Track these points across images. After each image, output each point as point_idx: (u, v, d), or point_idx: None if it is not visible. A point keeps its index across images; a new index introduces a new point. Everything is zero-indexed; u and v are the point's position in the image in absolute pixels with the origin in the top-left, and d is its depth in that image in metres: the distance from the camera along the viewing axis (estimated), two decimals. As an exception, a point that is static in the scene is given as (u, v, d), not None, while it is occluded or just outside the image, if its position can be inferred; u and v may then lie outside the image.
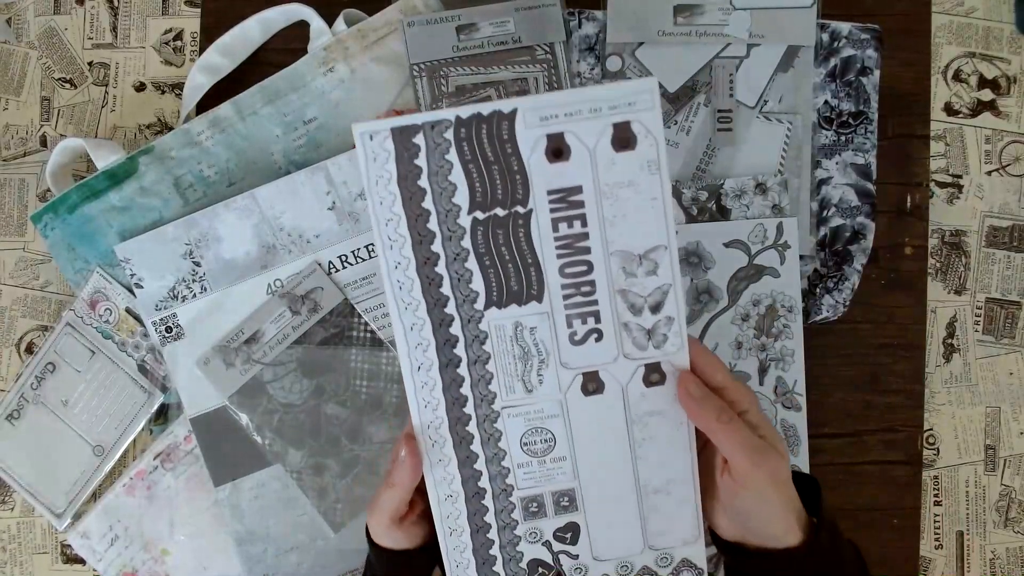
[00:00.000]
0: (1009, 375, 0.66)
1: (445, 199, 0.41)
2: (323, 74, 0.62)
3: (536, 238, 0.41)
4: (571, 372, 0.43)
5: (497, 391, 0.43)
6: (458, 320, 0.42)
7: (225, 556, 0.63)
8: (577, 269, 0.41)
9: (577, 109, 0.39)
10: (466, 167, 0.40)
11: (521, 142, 0.40)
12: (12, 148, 0.70)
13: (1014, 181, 0.66)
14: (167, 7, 0.69)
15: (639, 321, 0.42)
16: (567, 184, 0.40)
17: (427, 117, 0.40)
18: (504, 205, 0.41)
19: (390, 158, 0.40)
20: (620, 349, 0.42)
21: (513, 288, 0.42)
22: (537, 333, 0.42)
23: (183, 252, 0.61)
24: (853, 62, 0.62)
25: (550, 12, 0.61)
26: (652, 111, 0.39)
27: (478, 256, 0.41)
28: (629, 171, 0.40)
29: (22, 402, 0.65)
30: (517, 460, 0.44)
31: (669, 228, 0.40)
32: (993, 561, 0.66)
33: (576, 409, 0.43)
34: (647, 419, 0.43)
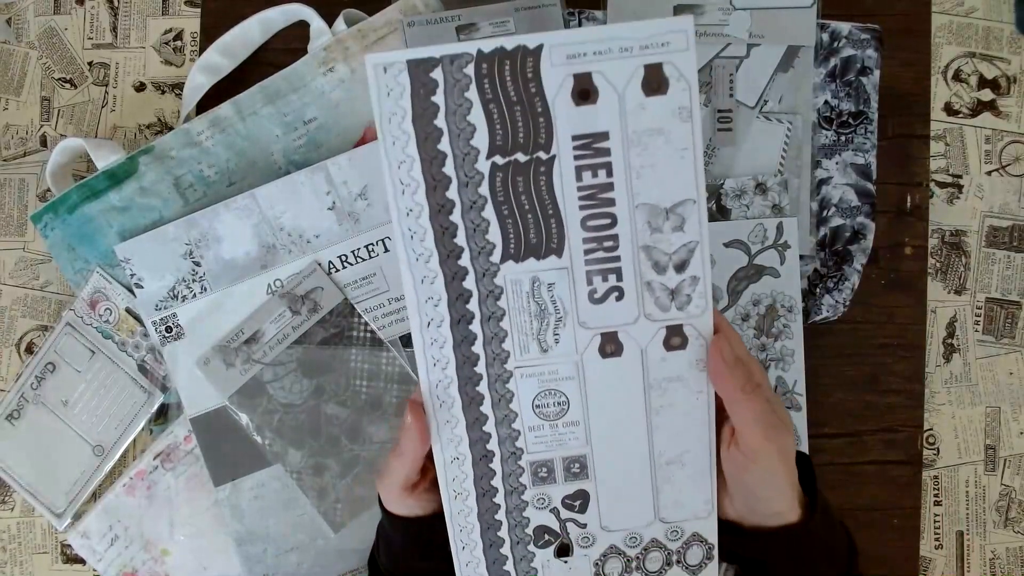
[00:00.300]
0: (1009, 375, 0.66)
1: (463, 141, 0.38)
2: (323, 74, 0.62)
3: (558, 187, 0.38)
4: (589, 332, 0.40)
5: (511, 350, 0.41)
6: (472, 273, 0.40)
7: (225, 556, 0.63)
8: (600, 222, 0.39)
9: (607, 47, 0.37)
10: (487, 107, 0.38)
11: (546, 81, 0.37)
12: (12, 148, 0.70)
13: (1014, 181, 0.66)
14: (167, 7, 0.69)
15: (663, 280, 0.39)
16: (593, 129, 0.38)
17: (447, 50, 0.37)
18: (525, 150, 0.38)
19: (405, 93, 0.38)
20: (641, 309, 0.40)
21: (532, 240, 0.39)
22: (555, 289, 0.40)
23: (183, 252, 0.61)
24: (853, 62, 0.62)
25: (550, 12, 0.61)
26: (687, 52, 0.37)
27: (496, 205, 0.39)
28: (660, 117, 0.37)
29: (22, 402, 0.65)
30: (528, 423, 0.42)
31: (699, 181, 0.38)
32: (993, 561, 0.66)
33: (592, 372, 0.41)
34: (666, 385, 0.41)
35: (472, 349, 0.41)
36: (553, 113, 0.38)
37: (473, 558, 0.43)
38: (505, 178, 0.38)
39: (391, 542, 0.47)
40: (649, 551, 0.44)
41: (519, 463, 0.43)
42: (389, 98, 0.38)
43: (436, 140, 0.38)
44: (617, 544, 0.44)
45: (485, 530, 0.43)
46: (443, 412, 0.42)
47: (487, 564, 0.44)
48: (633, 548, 0.44)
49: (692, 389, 0.41)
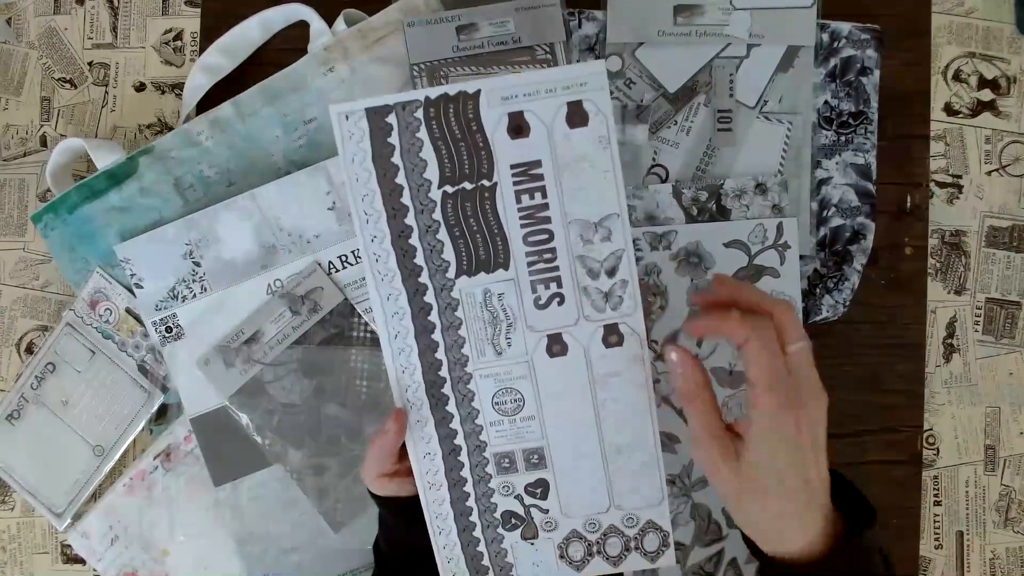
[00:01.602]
0: (1009, 375, 0.66)
1: (417, 174, 0.44)
2: (323, 74, 0.62)
3: (501, 209, 0.44)
4: (537, 335, 0.45)
5: (469, 354, 0.46)
6: (431, 289, 0.45)
7: (225, 556, 0.63)
8: (539, 237, 0.44)
9: (535, 90, 0.43)
10: (435, 144, 0.44)
11: (485, 120, 0.43)
12: (12, 148, 0.70)
13: (1014, 181, 0.66)
14: (167, 7, 0.69)
15: (597, 284, 0.45)
16: (528, 159, 0.44)
17: (398, 98, 0.43)
18: (471, 179, 0.44)
19: (364, 136, 0.44)
20: (580, 312, 0.45)
21: (481, 257, 0.45)
22: (505, 299, 0.45)
23: (183, 252, 0.61)
24: (853, 62, 0.62)
25: (550, 12, 0.61)
26: (602, 91, 0.43)
27: (448, 228, 0.45)
28: (583, 146, 0.43)
29: (22, 402, 0.65)
30: (489, 419, 0.47)
31: (620, 197, 0.44)
32: (993, 561, 0.66)
33: (542, 370, 0.46)
34: (608, 380, 0.46)
35: (435, 356, 0.46)
36: (493, 146, 0.44)
37: (449, 541, 0.48)
38: (455, 204, 0.44)
39: (385, 522, 0.51)
40: (608, 536, 0.48)
41: (484, 455, 0.47)
42: (351, 140, 0.44)
43: (394, 175, 0.44)
44: (578, 529, 0.48)
45: (458, 516, 0.48)
46: (414, 413, 0.47)
47: (462, 546, 0.48)
48: (593, 533, 0.48)
49: (632, 383, 0.46)
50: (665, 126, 0.62)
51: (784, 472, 0.39)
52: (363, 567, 0.62)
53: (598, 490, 0.47)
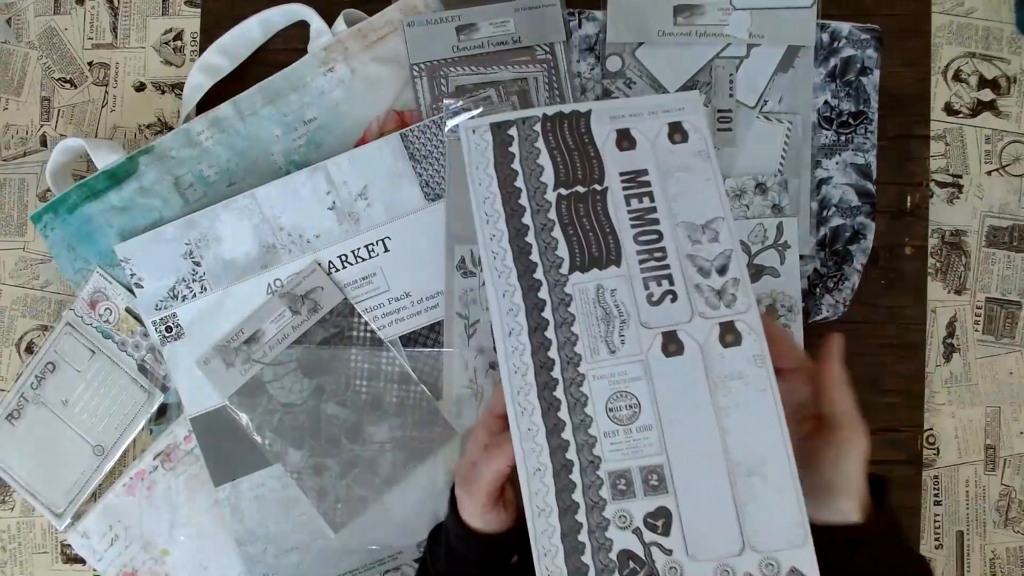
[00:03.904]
0: (1009, 375, 0.66)
1: (534, 178, 0.47)
2: (323, 74, 0.62)
3: (612, 211, 0.46)
4: (651, 332, 0.45)
5: (582, 353, 0.45)
6: (545, 285, 0.46)
7: (225, 556, 0.63)
8: (649, 237, 0.46)
9: (639, 112, 0.47)
10: (551, 152, 0.47)
11: (596, 134, 0.47)
12: (12, 148, 0.70)
13: (1014, 181, 0.66)
14: (167, 7, 0.69)
15: (709, 282, 0.45)
16: (635, 167, 0.47)
17: (519, 114, 0.48)
18: (584, 183, 0.47)
19: (488, 147, 0.48)
20: (694, 308, 0.45)
21: (594, 254, 0.46)
22: (618, 295, 0.45)
23: (183, 252, 0.61)
24: (853, 62, 0.62)
25: (550, 12, 0.61)
26: (698, 113, 0.47)
27: (563, 226, 0.46)
28: (684, 158, 0.47)
29: (22, 402, 0.65)
30: (603, 428, 0.44)
31: (723, 202, 0.46)
32: (993, 561, 0.66)
33: (659, 371, 0.44)
34: (729, 383, 0.43)
35: (548, 355, 0.45)
36: (603, 156, 0.47)
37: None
38: (569, 205, 0.47)
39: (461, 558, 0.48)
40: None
41: (597, 473, 0.43)
42: (476, 151, 0.48)
43: (513, 179, 0.47)
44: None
45: (569, 553, 0.43)
46: (524, 420, 0.44)
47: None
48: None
49: (755, 387, 0.43)
50: (665, 126, 0.62)
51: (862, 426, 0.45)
52: (363, 567, 0.62)
53: (727, 523, 0.42)
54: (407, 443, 0.61)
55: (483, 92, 0.62)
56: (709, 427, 0.43)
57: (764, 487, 0.42)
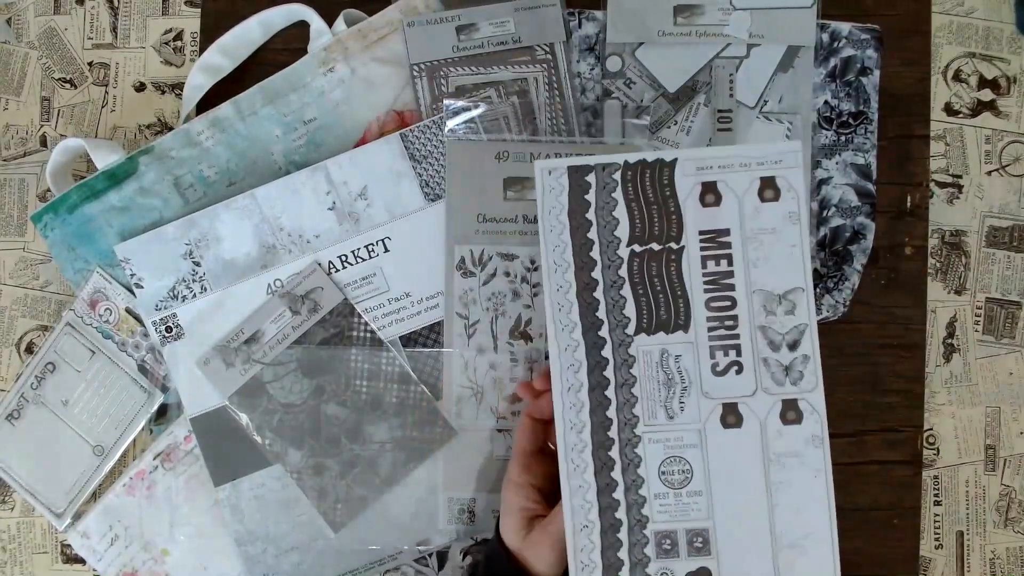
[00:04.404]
0: (1009, 375, 0.66)
1: (608, 231, 0.45)
2: (323, 74, 0.62)
3: (686, 272, 0.45)
4: (712, 402, 0.44)
5: (640, 415, 0.45)
6: (609, 343, 0.45)
7: (225, 556, 0.63)
8: (722, 304, 0.44)
9: (730, 163, 0.44)
10: (628, 204, 0.45)
11: (679, 187, 0.45)
12: (12, 148, 0.70)
13: (1014, 181, 0.66)
14: (167, 7, 0.69)
15: (778, 357, 0.44)
16: (717, 226, 0.45)
17: (599, 159, 0.45)
18: (660, 240, 0.45)
19: (564, 192, 0.46)
20: (759, 383, 0.44)
21: (662, 317, 0.45)
22: (682, 361, 0.44)
23: (183, 252, 0.61)
24: (853, 62, 0.62)
25: (550, 12, 0.61)
26: (796, 168, 0.44)
27: (632, 285, 0.45)
28: (772, 219, 0.44)
29: (22, 402, 0.65)
30: (654, 490, 0.44)
31: (807, 273, 0.44)
32: (993, 561, 0.66)
33: (715, 441, 0.44)
34: (784, 460, 0.44)
35: (606, 414, 0.45)
36: (684, 212, 0.45)
37: None
38: (641, 263, 0.45)
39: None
40: None
41: (644, 531, 0.44)
42: (551, 194, 0.46)
43: (586, 230, 0.46)
44: None
45: None
46: (576, 476, 0.45)
47: None
48: None
49: (809, 467, 0.43)
50: (665, 126, 0.62)
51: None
52: (362, 567, 0.62)
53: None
54: (407, 443, 0.61)
55: (483, 92, 0.62)
56: (759, 499, 0.44)
57: (803, 559, 0.43)
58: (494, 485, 0.60)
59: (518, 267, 0.60)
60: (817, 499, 0.43)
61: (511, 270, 0.60)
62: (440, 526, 0.61)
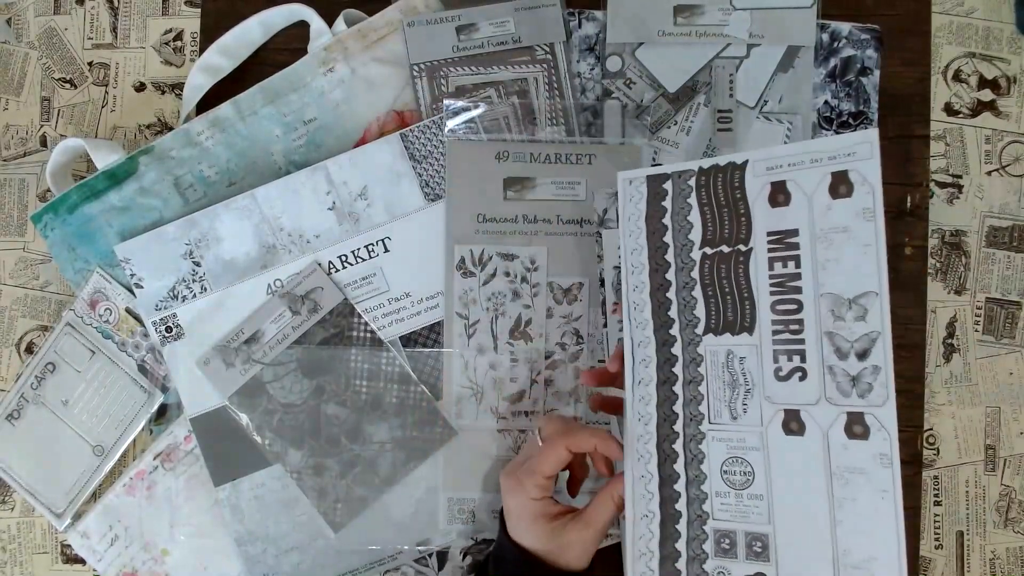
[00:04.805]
0: (1009, 375, 0.66)
1: (682, 235, 0.46)
2: (323, 74, 0.62)
3: (753, 275, 0.44)
4: (774, 407, 0.43)
5: (705, 412, 0.45)
6: (679, 342, 0.46)
7: (225, 556, 0.63)
8: (787, 307, 0.43)
9: (800, 159, 0.43)
10: (702, 208, 0.46)
11: (749, 188, 0.44)
12: (12, 148, 0.70)
13: (1014, 181, 0.66)
14: (167, 7, 0.69)
15: (844, 366, 0.42)
16: (785, 227, 0.43)
17: (676, 167, 0.46)
18: (729, 243, 0.45)
19: (642, 199, 0.47)
20: (823, 392, 0.42)
21: (729, 318, 0.45)
22: (746, 363, 0.44)
23: (183, 252, 0.61)
24: (853, 62, 0.62)
25: (550, 12, 0.61)
26: (871, 160, 0.41)
27: (703, 287, 0.45)
28: (844, 217, 0.42)
29: (22, 402, 0.65)
30: (716, 487, 0.44)
31: (882, 275, 0.41)
32: (993, 561, 0.66)
33: (776, 446, 0.43)
34: (848, 476, 0.42)
35: (673, 408, 0.46)
36: (753, 214, 0.44)
37: None
38: (711, 265, 0.45)
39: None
40: None
41: (704, 527, 0.44)
42: (631, 202, 0.47)
43: (662, 234, 0.47)
44: None
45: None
46: (639, 466, 0.46)
47: None
48: None
49: (876, 487, 0.41)
50: (665, 126, 0.62)
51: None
52: (362, 567, 0.62)
53: None
54: (407, 443, 0.61)
55: (483, 92, 0.62)
56: (821, 513, 0.42)
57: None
58: (494, 485, 0.60)
59: (518, 267, 0.60)
60: (884, 522, 0.41)
61: (511, 270, 0.60)
62: (440, 526, 0.61)
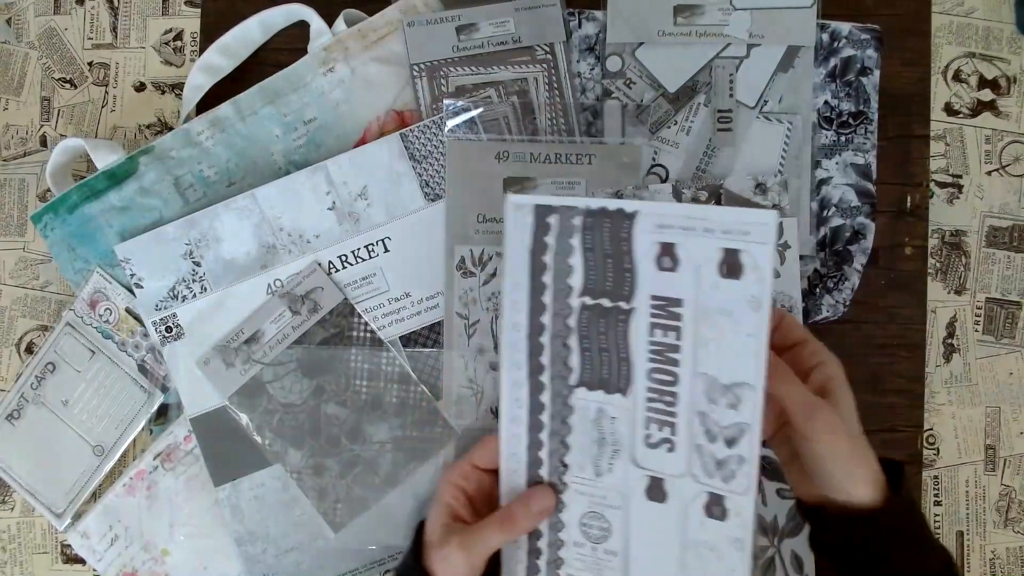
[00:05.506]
0: (1009, 375, 0.66)
1: (561, 279, 0.43)
2: (323, 74, 0.62)
3: (633, 336, 0.42)
4: (640, 472, 0.43)
5: (570, 464, 0.45)
6: (549, 390, 0.45)
7: (225, 556, 0.63)
8: (664, 377, 0.42)
9: (693, 225, 0.40)
10: (585, 253, 0.43)
11: (636, 243, 0.42)
12: (12, 148, 0.70)
13: (1014, 181, 0.66)
14: (167, 7, 0.69)
15: (712, 448, 0.42)
16: (670, 294, 0.41)
17: (563, 201, 0.43)
18: (610, 297, 0.43)
19: (527, 230, 0.44)
20: (689, 467, 0.42)
21: (604, 376, 0.43)
22: (617, 423, 0.43)
23: (183, 252, 0.61)
24: (853, 62, 0.62)
25: (550, 12, 0.61)
26: (766, 245, 0.39)
27: (580, 337, 0.44)
28: (731, 300, 0.40)
29: (22, 402, 0.65)
30: (573, 538, 0.45)
31: (759, 369, 0.40)
32: (993, 561, 0.66)
33: (637, 509, 0.44)
34: (702, 551, 0.42)
35: (539, 454, 0.45)
36: (638, 272, 0.42)
37: None
38: (591, 317, 0.43)
39: None
40: None
41: (558, 572, 0.46)
42: (517, 230, 0.44)
43: (542, 273, 0.44)
44: None
45: None
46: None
47: None
48: None
49: (727, 566, 0.42)
50: (665, 126, 0.62)
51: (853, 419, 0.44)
52: (362, 567, 0.62)
53: None
54: (407, 443, 0.61)
55: (483, 92, 0.62)
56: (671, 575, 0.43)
57: None
58: (494, 485, 0.60)
59: (518, 267, 0.60)
60: None
61: (511, 270, 0.60)
62: (440, 526, 0.61)
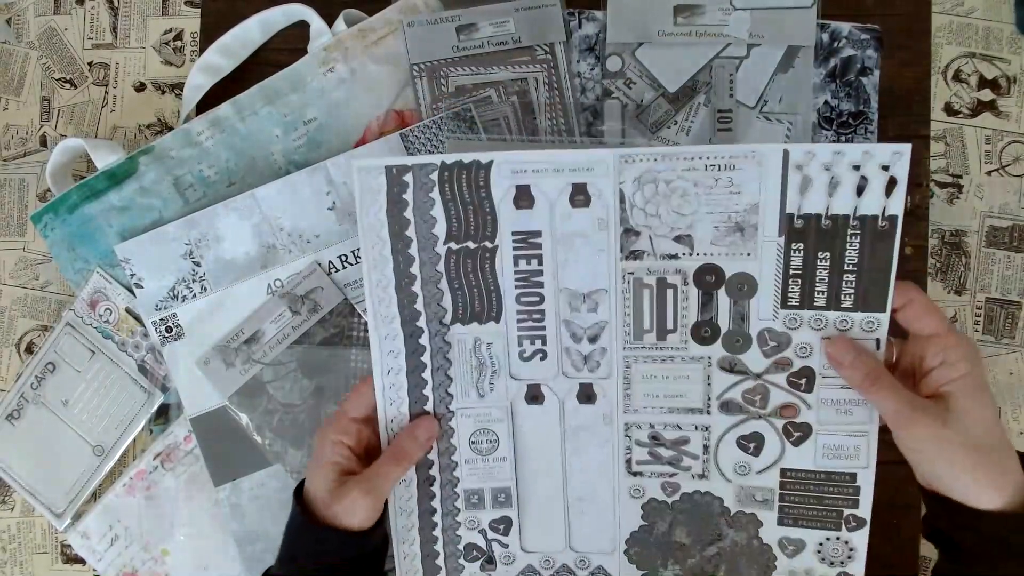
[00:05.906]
0: (1009, 375, 0.66)
1: (425, 230, 0.48)
2: (323, 74, 0.62)
3: (499, 270, 0.48)
4: (518, 383, 0.50)
5: (455, 394, 0.50)
6: (427, 332, 0.49)
7: (225, 556, 0.63)
8: (531, 299, 0.49)
9: (544, 167, 0.46)
10: (445, 204, 0.47)
11: (494, 189, 0.47)
12: (12, 148, 0.70)
13: (1014, 181, 0.66)
14: (167, 7, 0.69)
15: (578, 347, 0.49)
16: (529, 228, 0.47)
17: (416, 160, 0.47)
18: (475, 239, 0.48)
19: (382, 191, 0.47)
20: (560, 368, 0.50)
21: (476, 309, 0.49)
22: (492, 348, 0.49)
23: (183, 252, 0.61)
24: (853, 62, 0.62)
25: (550, 12, 0.61)
26: (607, 177, 0.46)
27: (449, 279, 0.49)
28: (582, 224, 0.47)
29: (22, 402, 0.65)
30: (464, 456, 0.51)
31: (612, 275, 0.48)
32: (993, 561, 0.65)
33: (520, 415, 0.50)
34: (578, 432, 0.50)
35: (423, 392, 0.50)
36: (498, 213, 0.47)
37: (412, 567, 0.52)
38: (457, 260, 0.48)
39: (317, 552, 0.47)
40: (560, 574, 0.53)
41: (455, 490, 0.51)
42: (368, 193, 0.47)
43: (404, 228, 0.48)
44: (533, 564, 0.53)
45: (424, 543, 0.52)
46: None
47: (423, 572, 0.52)
48: (547, 570, 0.53)
49: (599, 438, 0.50)
50: (665, 126, 0.62)
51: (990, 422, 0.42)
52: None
53: (556, 532, 0.52)
54: (407, 443, 0.61)
55: (483, 92, 0.62)
56: (555, 463, 0.51)
57: (590, 509, 0.51)
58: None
59: (518, 267, 0.60)
60: (604, 465, 0.50)
61: (511, 270, 0.60)
62: (440, 526, 0.61)
